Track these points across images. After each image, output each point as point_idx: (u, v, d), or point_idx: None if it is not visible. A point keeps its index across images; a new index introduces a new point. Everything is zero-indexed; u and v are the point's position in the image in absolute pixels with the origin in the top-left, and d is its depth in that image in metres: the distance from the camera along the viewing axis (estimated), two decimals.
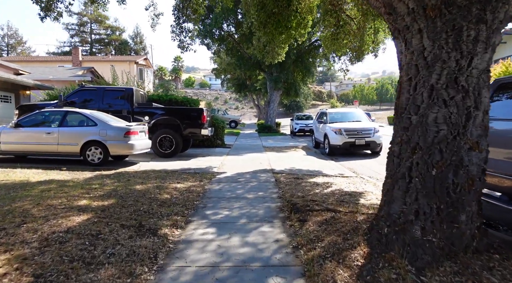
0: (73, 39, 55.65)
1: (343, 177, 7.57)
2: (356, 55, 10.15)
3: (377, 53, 9.33)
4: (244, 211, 4.75)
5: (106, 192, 5.32)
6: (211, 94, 79.92)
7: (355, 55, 10.17)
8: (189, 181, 6.75)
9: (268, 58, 10.27)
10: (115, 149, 7.89)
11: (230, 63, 34.98)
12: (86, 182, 6.18)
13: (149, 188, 5.84)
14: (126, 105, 10.37)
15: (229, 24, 26.59)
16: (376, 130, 11.66)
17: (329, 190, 5.97)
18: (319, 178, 7.33)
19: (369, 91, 70.60)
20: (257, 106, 44.96)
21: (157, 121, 10.43)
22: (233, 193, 5.86)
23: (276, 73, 23.97)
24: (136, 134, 8.23)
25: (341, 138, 11.47)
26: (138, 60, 34.30)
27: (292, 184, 6.59)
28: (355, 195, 5.52)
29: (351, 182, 6.89)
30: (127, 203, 4.65)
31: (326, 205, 4.67)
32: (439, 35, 2.88)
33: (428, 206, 2.84)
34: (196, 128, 10.50)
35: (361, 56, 10.11)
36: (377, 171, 8.73)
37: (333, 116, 12.95)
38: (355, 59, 10.38)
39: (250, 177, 7.41)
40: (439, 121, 2.88)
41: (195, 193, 5.70)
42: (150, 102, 11.11)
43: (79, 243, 3.12)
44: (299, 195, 5.51)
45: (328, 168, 8.96)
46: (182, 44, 10.43)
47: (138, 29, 63.07)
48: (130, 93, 10.44)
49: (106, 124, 7.93)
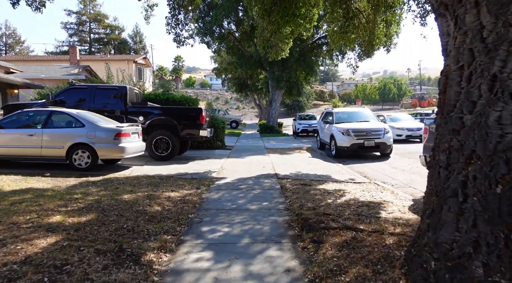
0: (72, 38, 55.06)
1: (355, 183, 6.86)
2: (365, 51, 9.45)
3: (390, 48, 8.63)
4: (246, 227, 4.05)
5: (87, 203, 4.63)
6: (211, 94, 79.24)
7: (364, 51, 9.46)
8: (185, 188, 6.05)
9: (272, 53, 9.58)
10: (104, 152, 7.20)
11: (230, 62, 34.34)
12: (67, 190, 5.49)
13: (139, 197, 5.15)
14: (119, 105, 9.68)
15: (230, 21, 25.91)
16: (386, 131, 10.95)
17: (342, 199, 5.27)
18: (329, 184, 6.63)
19: (371, 91, 69.84)
20: (259, 106, 44.26)
21: (152, 122, 9.74)
22: (233, 203, 5.16)
23: (278, 72, 23.27)
24: (128, 136, 7.54)
25: (349, 139, 10.76)
26: (137, 59, 33.64)
27: (299, 191, 5.89)
28: (373, 206, 4.81)
29: (365, 189, 6.18)
30: (108, 219, 3.95)
31: (343, 221, 3.96)
32: (505, 8, 2.17)
33: (492, 235, 2.13)
34: (194, 129, 9.81)
35: (371, 51, 9.41)
36: (390, 175, 8.02)
37: (340, 116, 12.24)
38: (364, 55, 9.68)
39: (252, 183, 6.71)
40: (505, 122, 2.18)
41: (190, 203, 5.01)
42: (145, 101, 10.42)
43: (35, 280, 2.42)
44: (309, 206, 4.81)
45: (337, 172, 8.26)
46: (178, 37, 9.68)
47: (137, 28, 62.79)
48: (123, 92, 9.76)
49: (94, 125, 7.24)
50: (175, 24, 9.38)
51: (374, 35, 8.78)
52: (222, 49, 27.92)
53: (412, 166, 9.12)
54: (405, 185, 7.04)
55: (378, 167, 9.39)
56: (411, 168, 8.87)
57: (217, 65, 42.17)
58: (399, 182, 7.29)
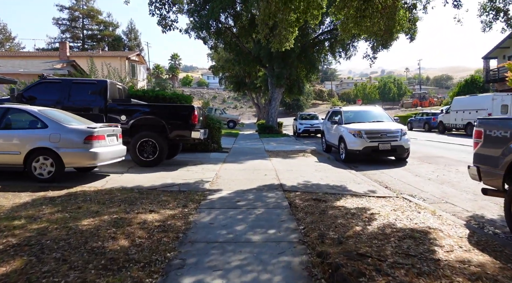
0: (64, 35, 53.22)
1: (379, 198, 5.60)
2: (382, 40, 8.18)
3: (414, 36, 7.36)
4: (248, 277, 2.77)
5: (24, 237, 3.32)
6: (209, 93, 77.90)
7: (380, 41, 8.19)
8: (169, 206, 4.76)
9: (275, 43, 8.30)
10: (72, 159, 5.88)
11: (228, 60, 33.02)
12: (10, 213, 4.17)
13: (103, 224, 3.85)
14: (98, 102, 8.35)
15: (227, 16, 24.57)
16: (404, 133, 9.69)
17: (374, 225, 3.99)
18: (348, 200, 5.37)
19: (371, 90, 68.73)
20: (257, 105, 42.97)
21: (137, 122, 8.42)
22: (230, 231, 3.87)
23: (278, 68, 21.95)
24: (102, 139, 6.22)
25: (361, 142, 9.49)
26: (130, 56, 32.20)
27: (314, 211, 4.61)
28: (420, 238, 3.54)
29: (395, 207, 4.91)
30: (41, 269, 2.65)
31: (390, 269, 2.69)
32: None
33: None
34: (185, 131, 8.50)
35: (389, 41, 8.14)
36: (416, 186, 6.76)
37: (349, 116, 10.96)
38: (381, 45, 8.41)
39: (253, 198, 5.42)
40: None
41: (172, 231, 3.72)
42: (129, 98, 9.09)
43: None
44: (332, 237, 3.54)
45: (352, 181, 7.00)
46: (164, 21, 8.22)
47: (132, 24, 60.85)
48: (103, 86, 8.43)
49: (60, 126, 5.91)
50: (161, 4, 7.92)
51: (393, 21, 7.51)
52: (219, 45, 26.61)
53: (438, 174, 7.86)
54: (439, 199, 5.77)
55: (397, 174, 8.13)
56: (437, 176, 7.61)
57: (214, 63, 40.84)
58: (430, 195, 6.03)
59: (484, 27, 6.95)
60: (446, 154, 11.12)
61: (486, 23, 6.93)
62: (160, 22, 8.17)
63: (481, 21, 7.00)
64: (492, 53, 31.52)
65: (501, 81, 30.33)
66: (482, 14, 6.98)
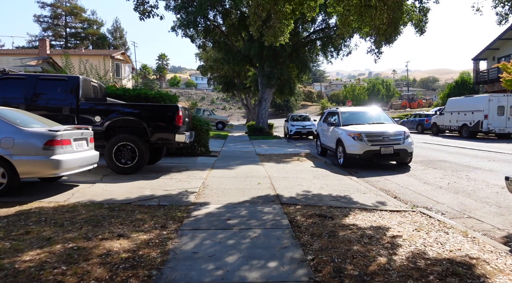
0: (46, 33, 51.17)
1: (393, 212, 4.83)
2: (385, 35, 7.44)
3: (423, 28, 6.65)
4: None
5: None
6: (197, 94, 76.73)
7: (383, 35, 7.45)
8: (143, 228, 3.86)
9: (269, 36, 7.48)
10: (28, 168, 4.90)
11: (217, 59, 32.07)
12: None
13: (52, 258, 2.93)
14: (69, 101, 7.35)
15: (216, 13, 23.67)
16: (407, 135, 9.00)
17: (401, 254, 3.19)
18: (357, 215, 4.58)
19: (360, 91, 68.74)
20: (246, 106, 42.14)
21: (113, 123, 7.46)
22: (218, 265, 3.00)
23: (269, 68, 21.16)
24: (68, 144, 5.25)
25: (362, 145, 8.74)
26: (114, 54, 30.89)
27: (321, 232, 3.80)
28: (466, 275, 2.75)
29: (415, 225, 4.14)
30: None
31: None
32: None
33: None
34: (168, 133, 7.57)
35: (393, 35, 7.41)
36: (428, 196, 6.02)
37: (347, 117, 10.21)
38: (384, 41, 7.67)
39: (247, 215, 4.56)
40: None
41: (143, 268, 2.83)
42: (104, 97, 8.09)
43: None
44: (352, 275, 2.73)
45: (356, 190, 6.24)
46: (142, 7, 7.18)
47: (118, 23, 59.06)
48: (75, 83, 7.44)
49: (14, 128, 4.93)
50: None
51: (401, 11, 6.78)
52: (207, 44, 25.68)
53: (449, 181, 7.16)
54: (459, 213, 5.03)
55: (403, 181, 7.40)
56: (448, 184, 6.90)
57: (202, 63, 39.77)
58: (447, 208, 5.29)
59: (499, 20, 6.30)
60: (448, 157, 10.49)
61: (502, 15, 6.28)
62: (137, 8, 7.17)
63: (496, 13, 6.35)
64: (482, 55, 31.53)
65: (491, 82, 30.36)
66: (497, 5, 6.33)
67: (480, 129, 16.65)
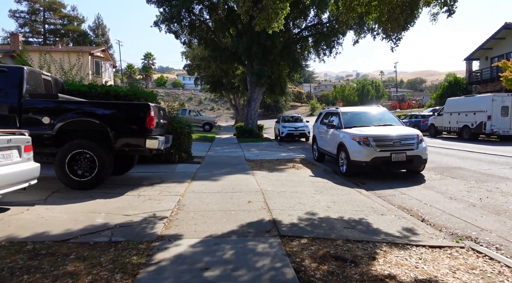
0: (23, 29, 48.39)
1: (435, 249, 3.53)
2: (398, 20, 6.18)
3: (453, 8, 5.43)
4: None
5: None
6: (184, 94, 74.79)
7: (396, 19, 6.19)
8: None
9: (261, 19, 6.12)
10: None
11: (204, 58, 30.57)
12: None
13: None
14: (9, 97, 5.83)
15: (202, 8, 22.22)
16: (420, 139, 7.79)
17: None
18: (388, 256, 3.27)
19: (350, 92, 68.17)
20: (234, 106, 40.72)
21: (67, 126, 5.95)
22: None
23: (258, 65, 19.82)
24: None
25: (369, 151, 7.46)
26: (93, 51, 29.01)
27: None
28: None
29: (475, 273, 2.84)
30: None
31: None
32: None
33: None
34: (137, 138, 6.11)
35: (410, 19, 6.17)
36: (460, 216, 4.73)
37: (349, 118, 8.92)
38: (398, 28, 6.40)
39: (232, 260, 3.17)
40: None
41: None
42: (56, 94, 6.55)
43: None
44: None
45: (371, 210, 4.94)
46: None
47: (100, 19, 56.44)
48: (18, 76, 5.92)
49: None
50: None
51: None
52: (193, 41, 24.15)
53: (480, 196, 5.92)
54: None
55: (422, 195, 6.13)
56: (480, 200, 5.66)
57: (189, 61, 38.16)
58: (500, 239, 4.01)
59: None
60: (462, 164, 9.33)
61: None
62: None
63: None
64: (474, 55, 30.97)
65: (484, 83, 29.81)
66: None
67: (483, 131, 15.68)
